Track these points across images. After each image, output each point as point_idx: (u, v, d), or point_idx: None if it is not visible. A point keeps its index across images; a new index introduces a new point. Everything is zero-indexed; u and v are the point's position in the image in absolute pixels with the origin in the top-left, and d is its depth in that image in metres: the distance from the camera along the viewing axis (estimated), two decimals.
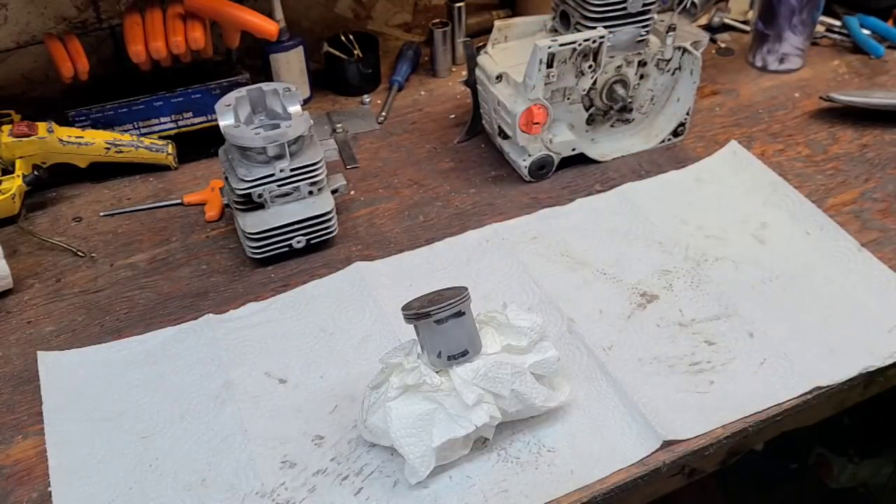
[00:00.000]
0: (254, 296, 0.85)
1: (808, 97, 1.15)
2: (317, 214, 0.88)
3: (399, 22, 1.31)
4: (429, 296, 0.68)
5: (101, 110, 1.02)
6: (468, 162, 1.05)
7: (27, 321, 0.83)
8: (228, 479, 0.67)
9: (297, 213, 0.87)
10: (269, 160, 0.84)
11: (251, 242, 0.86)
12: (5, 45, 1.06)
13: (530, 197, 0.98)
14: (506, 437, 0.70)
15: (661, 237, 0.91)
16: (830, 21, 1.28)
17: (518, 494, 0.65)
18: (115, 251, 0.92)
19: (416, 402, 0.65)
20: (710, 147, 1.05)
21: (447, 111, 1.15)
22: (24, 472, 0.69)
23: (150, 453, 0.70)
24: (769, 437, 0.76)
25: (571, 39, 0.91)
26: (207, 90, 1.04)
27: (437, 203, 0.98)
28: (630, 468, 0.68)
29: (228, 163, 0.86)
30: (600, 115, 1.03)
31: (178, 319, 0.83)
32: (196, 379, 0.76)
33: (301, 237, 0.88)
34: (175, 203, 0.98)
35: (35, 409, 0.74)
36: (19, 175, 0.94)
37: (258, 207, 0.87)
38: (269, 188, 0.85)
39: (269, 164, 0.84)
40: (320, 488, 0.67)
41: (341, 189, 0.92)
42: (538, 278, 0.85)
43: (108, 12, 1.09)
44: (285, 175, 0.85)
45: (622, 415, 0.71)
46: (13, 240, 0.93)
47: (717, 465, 0.75)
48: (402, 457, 0.65)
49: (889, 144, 1.05)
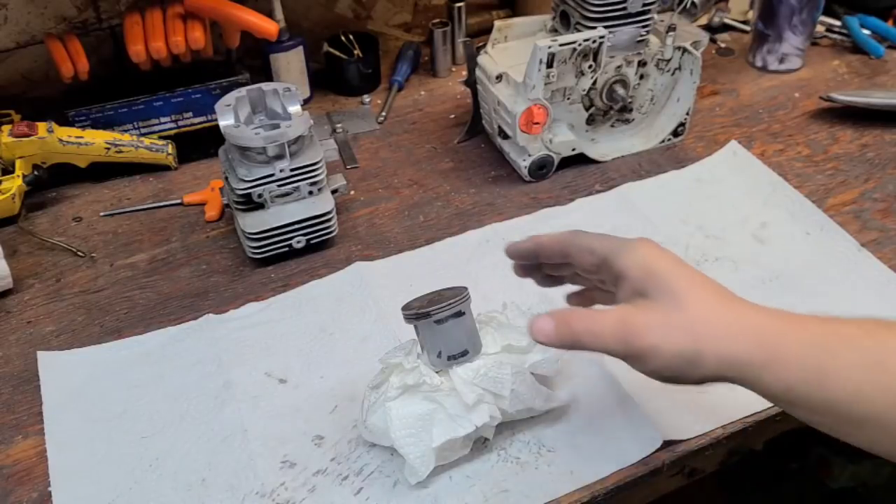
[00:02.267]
0: (254, 296, 0.85)
1: (808, 97, 1.15)
2: (317, 214, 0.87)
3: (399, 22, 1.31)
4: (429, 296, 0.68)
5: (101, 110, 1.02)
6: (468, 162, 1.05)
7: (27, 321, 0.83)
8: (228, 479, 0.67)
9: (297, 214, 0.87)
10: (270, 160, 0.84)
11: (251, 242, 0.86)
12: (5, 45, 1.06)
13: (530, 197, 0.98)
14: (506, 438, 0.70)
15: (661, 237, 0.90)
16: (830, 21, 1.28)
17: (518, 494, 0.65)
18: (115, 251, 0.92)
19: (416, 402, 0.65)
20: (710, 147, 1.05)
21: (447, 111, 1.15)
22: (24, 471, 0.69)
23: (150, 453, 0.70)
24: (769, 436, 0.76)
25: (571, 39, 0.91)
26: (207, 90, 1.04)
27: (437, 203, 0.98)
28: (630, 468, 0.68)
29: (228, 163, 0.86)
30: (600, 115, 1.03)
31: (178, 319, 0.83)
32: (196, 379, 0.76)
33: (301, 237, 0.88)
34: (175, 203, 0.98)
35: (35, 409, 0.74)
36: (19, 175, 0.94)
37: (258, 207, 0.87)
38: (270, 188, 0.85)
39: (270, 164, 0.84)
40: (320, 488, 0.67)
41: (341, 189, 0.92)
42: None
43: (108, 12, 1.09)
44: (285, 175, 0.85)
45: (622, 415, 0.71)
46: (13, 240, 0.93)
47: (717, 465, 0.75)
48: (402, 457, 0.65)
49: (889, 144, 1.05)
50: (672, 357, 0.53)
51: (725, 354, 0.53)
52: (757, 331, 0.53)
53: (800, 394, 0.52)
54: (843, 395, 0.51)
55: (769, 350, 0.52)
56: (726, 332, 0.53)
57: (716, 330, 0.53)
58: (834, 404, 0.52)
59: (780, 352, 0.52)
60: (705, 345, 0.53)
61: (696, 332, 0.53)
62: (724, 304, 0.55)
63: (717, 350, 0.53)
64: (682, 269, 0.56)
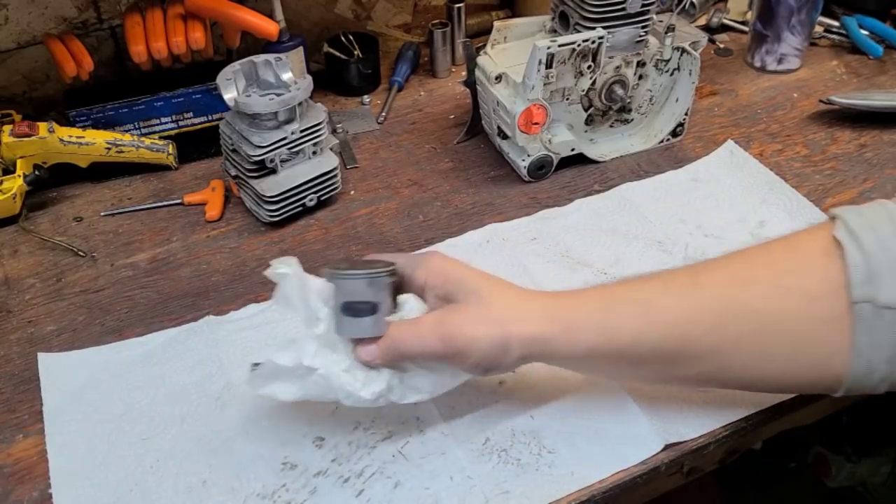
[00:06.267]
0: (254, 295, 0.85)
1: (807, 97, 1.15)
2: (325, 171, 0.94)
3: (399, 22, 1.31)
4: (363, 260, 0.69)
5: (102, 110, 1.02)
6: (468, 162, 1.05)
7: (28, 320, 0.84)
8: (229, 480, 0.68)
9: (308, 173, 0.93)
10: (279, 125, 0.89)
11: (269, 206, 0.92)
12: (6, 46, 1.06)
13: (529, 197, 0.98)
14: (506, 439, 0.70)
15: (660, 237, 0.91)
16: (829, 21, 1.28)
17: (519, 496, 0.65)
18: (115, 251, 0.92)
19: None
20: (709, 147, 1.05)
21: (447, 111, 1.15)
22: (24, 470, 0.69)
23: (151, 455, 0.70)
24: (768, 435, 0.77)
25: (570, 40, 0.91)
26: (208, 90, 1.04)
27: (436, 203, 0.98)
28: (629, 467, 0.68)
29: (238, 134, 0.90)
30: (599, 115, 1.04)
31: (178, 319, 0.83)
32: (197, 380, 0.76)
33: (312, 195, 0.94)
34: (176, 203, 0.99)
35: (36, 408, 0.74)
36: (20, 175, 0.94)
37: (271, 173, 0.92)
38: (280, 153, 0.90)
39: (279, 128, 0.89)
40: (321, 490, 0.67)
41: (335, 148, 0.97)
42: (539, 279, 0.86)
43: (109, 13, 1.09)
44: (296, 137, 0.90)
45: (623, 416, 0.71)
46: (14, 239, 0.94)
47: (715, 464, 0.75)
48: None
49: (887, 145, 1.05)
50: (488, 347, 0.60)
51: (528, 335, 0.61)
52: (549, 310, 0.62)
53: (595, 352, 0.61)
54: (627, 341, 0.60)
55: (561, 323, 0.61)
56: (525, 315, 0.62)
57: (516, 316, 0.61)
58: (624, 352, 0.61)
59: (570, 322, 0.61)
60: (511, 330, 0.60)
61: (502, 321, 0.61)
62: (519, 295, 0.64)
63: (520, 333, 0.61)
64: (474, 272, 0.65)
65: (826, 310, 0.56)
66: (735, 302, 0.59)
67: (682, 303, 0.61)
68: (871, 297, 0.54)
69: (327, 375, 0.63)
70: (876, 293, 0.54)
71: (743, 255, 0.63)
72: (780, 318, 0.58)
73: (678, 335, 0.60)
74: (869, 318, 0.55)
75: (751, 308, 0.59)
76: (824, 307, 0.56)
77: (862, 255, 0.55)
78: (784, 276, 0.59)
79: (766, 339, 0.59)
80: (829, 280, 0.56)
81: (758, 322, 0.59)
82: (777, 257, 0.61)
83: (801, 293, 0.58)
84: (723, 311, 0.60)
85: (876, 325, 0.55)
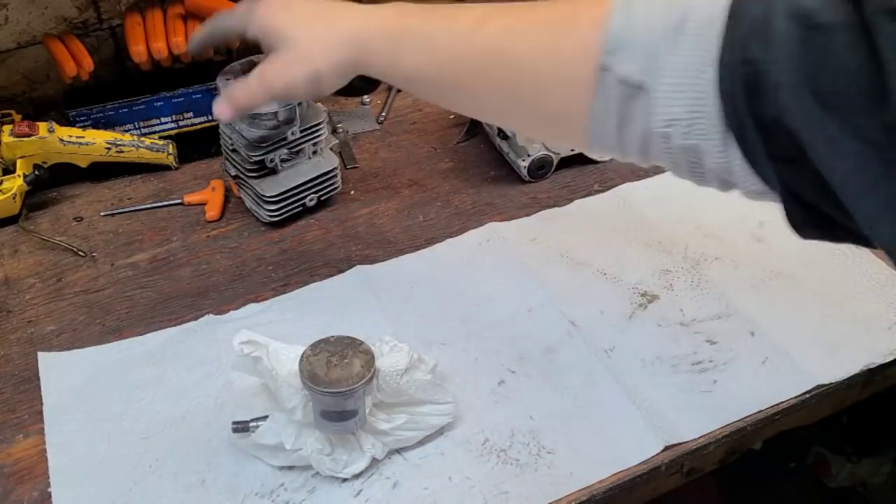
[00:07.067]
0: (254, 295, 0.86)
1: None
2: (324, 172, 0.94)
3: None
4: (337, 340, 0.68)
5: (102, 110, 1.02)
6: (468, 162, 1.05)
7: (28, 320, 0.84)
8: (228, 480, 0.68)
9: (308, 173, 0.93)
10: (279, 125, 0.89)
11: (269, 206, 0.92)
12: (6, 46, 1.06)
13: (529, 197, 0.98)
14: (505, 439, 0.70)
15: (660, 237, 0.91)
16: None
17: (518, 496, 0.66)
18: (115, 251, 0.92)
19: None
20: None
21: (447, 112, 1.15)
22: (24, 470, 0.69)
23: (151, 454, 0.70)
24: (768, 435, 0.77)
25: None
26: (208, 90, 1.04)
27: (436, 203, 0.98)
28: (629, 467, 0.68)
29: (238, 134, 0.90)
30: None
31: (178, 319, 0.83)
32: (196, 379, 0.76)
33: (312, 195, 0.94)
34: (176, 203, 0.99)
35: (36, 407, 0.74)
36: (20, 175, 0.94)
37: (271, 173, 0.92)
38: (280, 153, 0.90)
39: (279, 128, 0.89)
40: (319, 490, 0.67)
41: (335, 148, 0.97)
42: (539, 279, 0.86)
43: (109, 13, 1.09)
44: (296, 137, 0.90)
45: (623, 417, 0.71)
46: (14, 239, 0.94)
47: (715, 464, 0.75)
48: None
49: None
50: (304, 83, 0.68)
51: (335, 62, 0.67)
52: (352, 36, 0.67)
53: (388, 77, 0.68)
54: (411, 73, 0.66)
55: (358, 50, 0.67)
56: (332, 44, 0.67)
57: (321, 48, 0.68)
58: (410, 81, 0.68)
59: (363, 52, 0.66)
60: (317, 65, 0.67)
61: (310, 58, 0.68)
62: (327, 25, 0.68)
63: (327, 62, 0.67)
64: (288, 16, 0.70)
65: (576, 73, 0.57)
66: (504, 51, 0.61)
67: (460, 45, 0.63)
68: (611, 67, 0.55)
69: (309, 457, 0.66)
70: (618, 65, 0.54)
71: (535, 8, 0.63)
72: (534, 73, 0.60)
73: (449, 74, 0.64)
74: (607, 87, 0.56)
75: (515, 61, 0.61)
76: (574, 70, 0.57)
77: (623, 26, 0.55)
78: (555, 38, 0.60)
79: (518, 91, 0.62)
80: (587, 48, 0.57)
81: (514, 74, 0.61)
82: (556, 18, 0.61)
83: (557, 54, 0.59)
84: (491, 59, 0.62)
85: (610, 94, 0.56)
